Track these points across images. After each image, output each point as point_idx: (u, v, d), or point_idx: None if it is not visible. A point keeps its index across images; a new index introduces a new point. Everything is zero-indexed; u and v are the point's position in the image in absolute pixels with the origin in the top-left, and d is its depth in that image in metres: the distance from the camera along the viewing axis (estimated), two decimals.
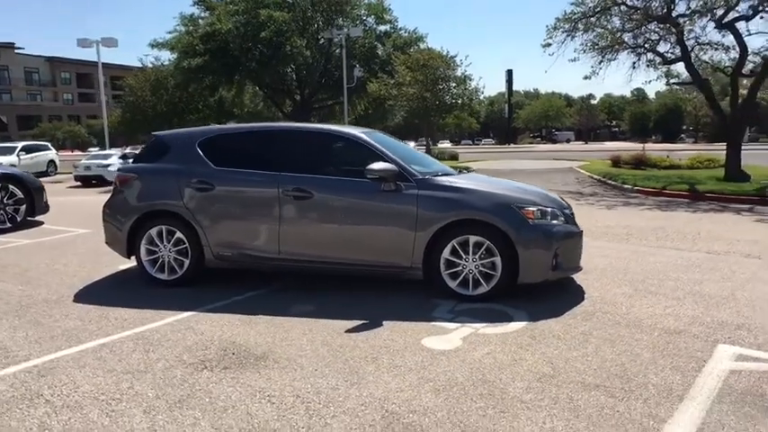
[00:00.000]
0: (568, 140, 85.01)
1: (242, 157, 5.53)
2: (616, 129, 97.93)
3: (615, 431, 2.88)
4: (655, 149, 32.35)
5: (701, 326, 4.31)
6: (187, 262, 5.47)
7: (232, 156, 5.54)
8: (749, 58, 17.76)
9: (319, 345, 4.06)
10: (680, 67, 21.43)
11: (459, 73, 24.07)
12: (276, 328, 4.42)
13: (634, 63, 20.78)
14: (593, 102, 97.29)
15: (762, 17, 16.15)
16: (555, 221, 4.96)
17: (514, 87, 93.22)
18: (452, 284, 4.96)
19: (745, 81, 17.75)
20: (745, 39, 17.06)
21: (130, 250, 5.66)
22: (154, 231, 5.53)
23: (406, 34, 31.55)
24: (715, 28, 16.65)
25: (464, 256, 4.92)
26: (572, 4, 18.98)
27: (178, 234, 5.45)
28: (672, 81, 21.91)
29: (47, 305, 5.07)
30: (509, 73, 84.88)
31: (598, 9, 18.64)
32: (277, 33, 27.17)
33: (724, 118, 18.23)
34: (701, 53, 18.87)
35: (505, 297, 4.90)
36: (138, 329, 4.42)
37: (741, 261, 6.53)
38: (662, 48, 19.52)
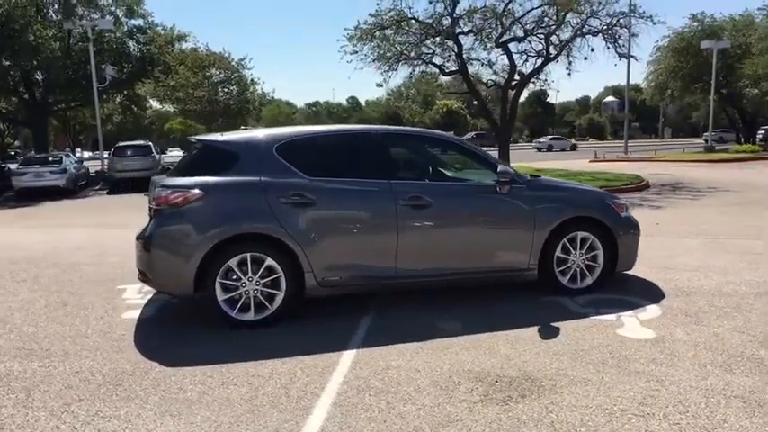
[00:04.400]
0: None
1: (336, 164, 4.78)
2: None
3: None
4: None
5: None
6: (280, 295, 4.50)
7: (324, 163, 4.74)
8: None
9: (550, 356, 3.91)
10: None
11: (245, 76, 23.18)
12: (476, 350, 4.06)
13: (411, 74, 23.15)
14: (316, 109, 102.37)
15: (529, 41, 19.64)
16: (631, 213, 5.57)
17: None
18: (564, 280, 5.19)
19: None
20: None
21: (198, 288, 4.39)
22: (234, 261, 4.39)
23: (164, 31, 28.85)
24: (495, 47, 19.53)
25: (572, 252, 5.18)
26: (370, 15, 20.15)
27: (269, 262, 4.44)
28: (447, 91, 24.95)
29: (141, 379, 3.65)
30: None
31: (392, 22, 20.14)
32: (8, 19, 22.18)
33: (495, 124, 21.55)
34: (471, 67, 21.94)
35: (599, 288, 5.31)
36: (340, 379, 3.58)
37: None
38: (437, 61, 22.09)
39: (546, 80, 21.82)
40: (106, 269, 6.63)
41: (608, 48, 20.14)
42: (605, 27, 19.58)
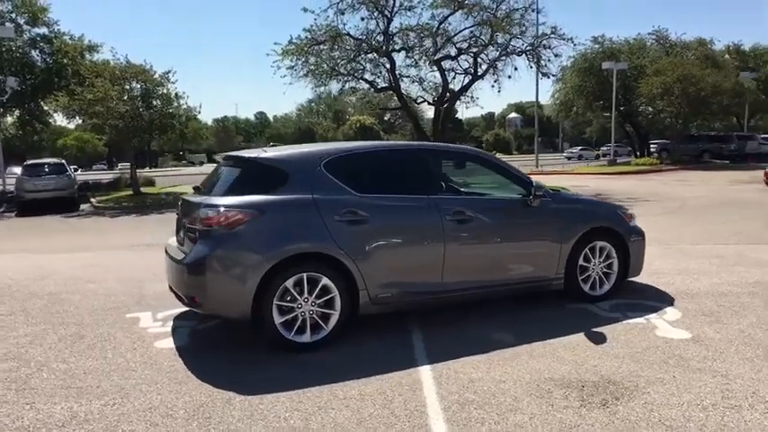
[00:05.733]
0: (202, 163, 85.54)
1: (382, 180, 4.78)
2: None
3: None
4: None
5: None
6: (336, 315, 4.41)
7: (370, 179, 4.73)
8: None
9: (613, 359, 4.13)
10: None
11: (169, 90, 22.16)
12: (542, 358, 4.21)
13: (342, 89, 23.30)
14: (224, 125, 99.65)
15: (458, 60, 20.40)
16: (636, 223, 5.97)
17: None
18: (586, 288, 5.48)
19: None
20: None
21: (255, 312, 4.21)
22: (290, 282, 4.26)
23: (72, 41, 26.95)
24: (430, 64, 20.11)
25: (592, 261, 5.49)
26: (304, 29, 20.09)
27: (324, 281, 4.35)
28: (381, 108, 25.26)
29: (228, 409, 3.46)
30: None
31: (327, 38, 20.19)
32: None
33: (426, 138, 22.10)
34: (402, 84, 22.42)
35: (615, 294, 5.64)
36: (434, 395, 3.59)
37: None
38: (369, 77, 22.38)
39: (472, 97, 22.78)
40: (95, 298, 6.13)
41: (531, 67, 21.41)
42: (529, 48, 20.79)
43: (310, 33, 20.06)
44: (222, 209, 4.24)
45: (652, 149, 39.37)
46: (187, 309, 5.39)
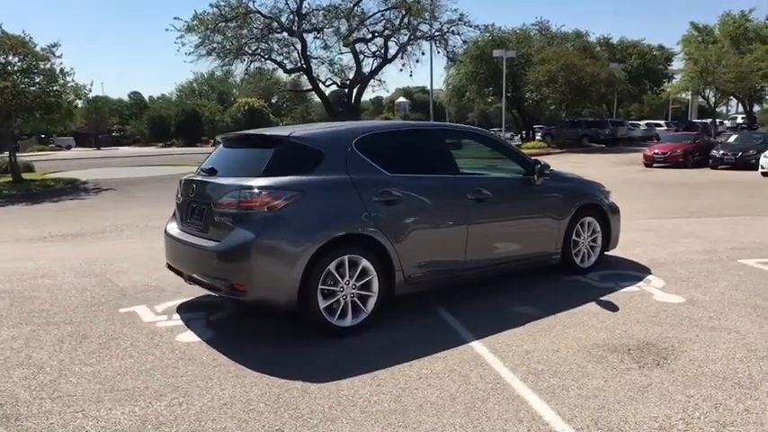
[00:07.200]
0: (69, 147, 78.63)
1: (408, 159, 4.74)
2: (117, 134, 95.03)
3: None
4: None
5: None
6: (374, 298, 4.34)
7: (398, 159, 4.67)
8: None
9: (637, 324, 4.48)
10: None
11: (54, 66, 19.96)
12: (576, 327, 4.46)
13: (247, 69, 22.53)
14: (97, 104, 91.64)
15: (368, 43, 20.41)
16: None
17: None
18: (577, 260, 5.85)
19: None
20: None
21: (301, 297, 4.02)
22: (333, 265, 4.13)
23: None
24: (344, 46, 19.94)
25: (582, 235, 5.86)
26: (211, 5, 19.07)
27: (363, 263, 4.26)
28: (289, 90, 24.58)
29: (310, 399, 3.31)
30: None
31: (236, 14, 19.33)
32: None
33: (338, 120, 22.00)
34: (314, 66, 22.10)
35: (599, 266, 6.07)
36: (504, 368, 3.68)
37: None
38: (277, 58, 21.82)
39: (380, 80, 22.99)
40: (67, 295, 5.45)
41: (438, 52, 21.99)
42: (437, 33, 21.32)
43: (218, 9, 19.06)
44: (261, 190, 3.99)
45: (538, 134, 42.02)
46: (186, 299, 5.11)
